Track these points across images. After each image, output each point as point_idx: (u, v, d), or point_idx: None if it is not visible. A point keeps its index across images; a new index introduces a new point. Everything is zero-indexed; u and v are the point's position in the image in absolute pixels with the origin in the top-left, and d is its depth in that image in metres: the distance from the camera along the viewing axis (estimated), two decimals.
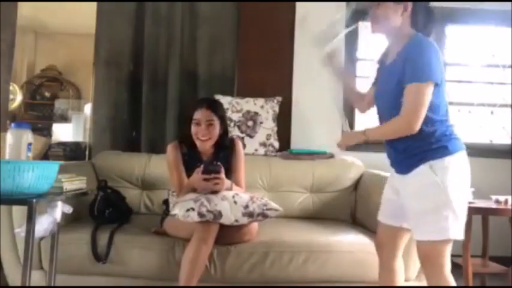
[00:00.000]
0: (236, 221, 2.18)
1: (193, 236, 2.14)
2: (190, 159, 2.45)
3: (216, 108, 2.41)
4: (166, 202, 2.58)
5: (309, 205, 3.01)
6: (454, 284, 1.76)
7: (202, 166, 2.27)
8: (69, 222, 2.40)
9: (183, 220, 2.12)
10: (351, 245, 2.35)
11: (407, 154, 1.75)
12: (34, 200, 1.67)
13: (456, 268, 2.88)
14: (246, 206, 2.19)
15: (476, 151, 3.82)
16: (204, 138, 2.38)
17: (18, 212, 2.27)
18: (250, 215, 2.19)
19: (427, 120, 1.69)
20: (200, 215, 2.11)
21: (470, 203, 2.86)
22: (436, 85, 1.67)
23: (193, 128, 2.38)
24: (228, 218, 2.16)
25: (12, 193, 1.67)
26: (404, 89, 1.68)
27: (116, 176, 2.94)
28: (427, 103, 1.66)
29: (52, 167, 1.81)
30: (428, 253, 1.74)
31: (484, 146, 3.89)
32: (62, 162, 1.97)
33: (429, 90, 1.65)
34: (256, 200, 2.24)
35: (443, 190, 1.67)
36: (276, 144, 3.24)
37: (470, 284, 2.76)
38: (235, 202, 2.19)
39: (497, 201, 2.89)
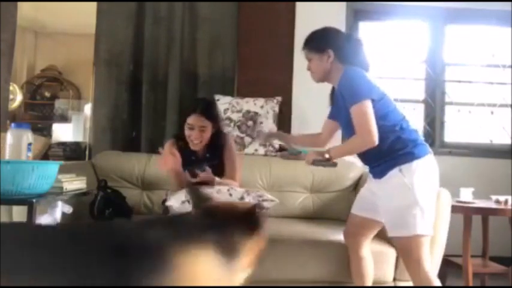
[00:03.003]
0: None
1: None
2: (186, 155, 2.48)
3: (209, 113, 2.44)
4: (165, 202, 2.59)
5: (309, 205, 3.01)
6: (436, 279, 1.90)
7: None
8: (69, 222, 2.40)
9: (179, 212, 2.15)
10: None
11: (379, 163, 1.94)
12: (34, 200, 1.67)
13: (456, 268, 2.89)
14: (242, 198, 2.23)
15: (476, 151, 3.85)
16: (197, 141, 2.43)
17: (18, 212, 2.26)
18: None
19: (386, 129, 1.88)
20: None
21: (470, 203, 2.87)
22: (373, 100, 1.87)
23: (187, 131, 2.43)
24: None
25: (12, 193, 1.67)
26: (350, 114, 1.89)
27: (116, 176, 2.94)
28: (372, 117, 1.84)
29: (52, 167, 1.81)
30: (403, 248, 1.92)
31: (484, 146, 3.89)
32: (62, 162, 1.96)
33: (367, 106, 1.84)
34: (251, 192, 2.29)
35: (411, 191, 1.84)
36: (276, 144, 3.24)
37: (470, 284, 2.77)
38: (230, 195, 2.23)
39: (497, 201, 2.89)
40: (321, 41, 2.05)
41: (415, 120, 3.88)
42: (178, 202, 2.17)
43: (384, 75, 3.89)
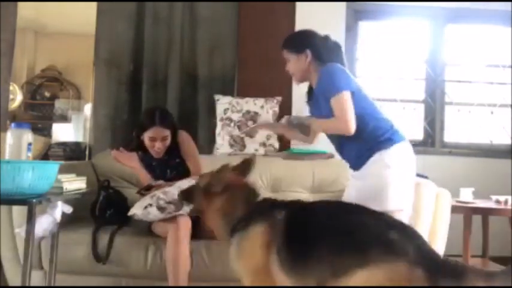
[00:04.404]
0: None
1: (168, 238, 2.18)
2: (146, 162, 2.56)
3: (168, 122, 2.51)
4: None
5: None
6: None
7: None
8: (69, 222, 2.40)
9: (145, 219, 2.21)
10: None
11: (361, 152, 1.99)
12: (34, 200, 1.67)
13: None
14: None
15: (476, 151, 3.85)
16: (159, 150, 2.50)
17: (18, 212, 2.27)
18: None
19: (365, 117, 1.95)
20: (160, 208, 2.16)
21: (470, 203, 2.87)
22: (353, 92, 1.93)
23: (149, 143, 2.49)
24: None
25: (12, 193, 1.67)
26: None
27: (116, 176, 2.93)
28: (350, 107, 1.90)
29: (52, 167, 1.81)
30: None
31: (484, 146, 3.89)
32: (62, 162, 1.97)
33: (346, 97, 1.91)
34: None
35: (389, 169, 1.93)
36: (276, 144, 3.24)
37: None
38: None
39: (497, 201, 2.90)
40: (299, 41, 2.12)
41: (415, 120, 3.89)
42: (141, 208, 2.21)
43: (384, 75, 3.89)
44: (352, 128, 1.90)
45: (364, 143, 1.96)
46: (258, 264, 1.55)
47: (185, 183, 2.25)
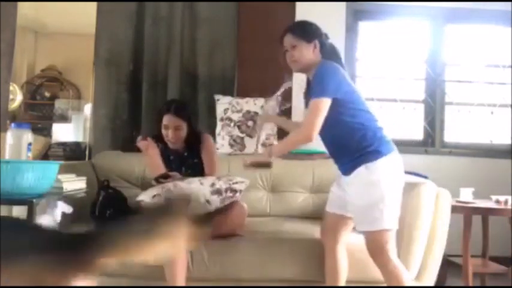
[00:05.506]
0: (207, 201, 2.24)
1: None
2: (165, 155, 2.58)
3: (183, 113, 2.55)
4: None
5: (309, 205, 3.00)
6: (404, 269, 1.98)
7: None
8: (69, 222, 2.39)
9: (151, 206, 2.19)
10: (351, 245, 2.35)
11: (347, 160, 2.00)
12: (34, 200, 1.67)
13: (456, 268, 2.89)
14: (213, 184, 2.27)
15: (476, 151, 3.85)
16: (173, 140, 2.53)
17: (18, 212, 2.26)
18: (218, 192, 2.27)
19: (353, 126, 1.96)
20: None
21: (470, 203, 2.87)
22: (337, 98, 1.91)
23: (163, 131, 2.54)
24: (197, 201, 2.21)
25: (12, 193, 1.68)
26: None
27: (116, 176, 2.93)
28: (322, 116, 1.90)
29: (52, 167, 1.81)
30: (371, 242, 1.97)
31: (484, 146, 3.89)
32: (62, 162, 1.97)
33: (323, 104, 1.90)
34: (222, 177, 2.34)
35: (377, 187, 1.91)
36: (275, 142, 3.23)
37: (470, 284, 2.77)
38: (201, 183, 2.27)
39: (497, 201, 2.89)
40: (310, 30, 2.11)
41: (415, 120, 3.89)
42: (149, 197, 2.22)
43: (384, 75, 3.89)
44: (313, 136, 1.91)
45: (350, 152, 1.96)
46: None
47: (195, 181, 2.26)
